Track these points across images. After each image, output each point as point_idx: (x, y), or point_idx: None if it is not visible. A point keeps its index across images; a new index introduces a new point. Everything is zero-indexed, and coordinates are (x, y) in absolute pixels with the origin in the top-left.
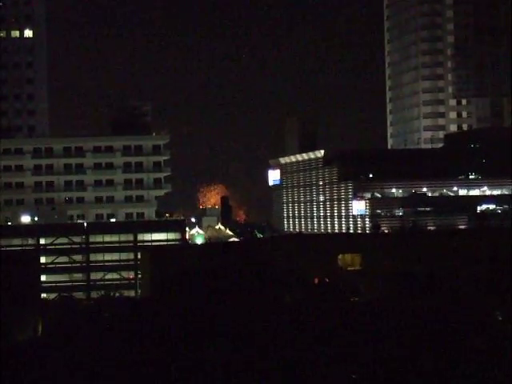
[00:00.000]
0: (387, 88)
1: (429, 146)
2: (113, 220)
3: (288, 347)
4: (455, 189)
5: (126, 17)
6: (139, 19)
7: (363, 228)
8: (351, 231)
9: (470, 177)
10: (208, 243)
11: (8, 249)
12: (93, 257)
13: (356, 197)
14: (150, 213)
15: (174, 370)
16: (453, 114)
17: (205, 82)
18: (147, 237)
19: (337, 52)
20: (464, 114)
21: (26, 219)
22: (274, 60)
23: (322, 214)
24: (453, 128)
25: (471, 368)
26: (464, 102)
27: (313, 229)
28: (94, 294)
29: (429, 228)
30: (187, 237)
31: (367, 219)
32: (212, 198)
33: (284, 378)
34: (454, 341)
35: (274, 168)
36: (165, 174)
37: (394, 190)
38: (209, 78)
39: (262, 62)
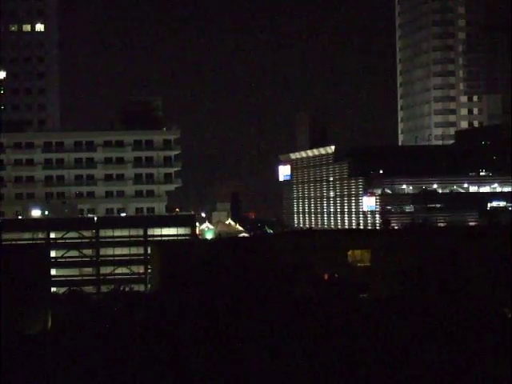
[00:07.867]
0: (398, 84)
1: (439, 143)
2: (123, 214)
3: (297, 342)
4: (466, 186)
5: (138, 11)
6: (151, 13)
7: (373, 224)
8: (361, 227)
9: (481, 174)
10: (218, 238)
11: (18, 242)
12: (103, 251)
13: (366, 193)
14: (160, 207)
15: (181, 366)
16: (464, 111)
17: (216, 77)
18: (157, 231)
19: (348, 48)
20: (475, 111)
21: (36, 213)
22: (285, 55)
23: (332, 210)
24: (464, 125)
25: (481, 365)
26: (475, 98)
27: (323, 225)
28: (103, 288)
29: (439, 224)
30: (197, 232)
31: (377, 215)
32: (222, 194)
33: (292, 373)
34: (464, 338)
35: (284, 163)
36: (175, 169)
37: (404, 187)
38: (220, 73)
39: (273, 57)
